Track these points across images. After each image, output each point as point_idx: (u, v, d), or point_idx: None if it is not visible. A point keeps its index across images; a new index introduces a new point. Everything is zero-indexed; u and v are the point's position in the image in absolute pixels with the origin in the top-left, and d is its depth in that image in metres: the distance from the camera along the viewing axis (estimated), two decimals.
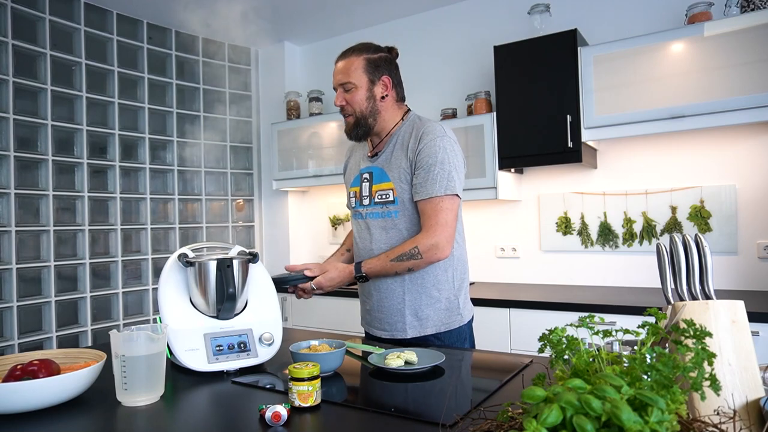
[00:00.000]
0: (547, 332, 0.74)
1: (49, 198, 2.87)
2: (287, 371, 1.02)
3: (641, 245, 2.72)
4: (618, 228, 2.79)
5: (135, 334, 1.09)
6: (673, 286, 0.91)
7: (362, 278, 1.59)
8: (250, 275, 1.41)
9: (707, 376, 0.63)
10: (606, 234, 2.81)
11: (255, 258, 1.43)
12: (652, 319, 0.74)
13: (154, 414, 1.03)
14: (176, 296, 1.35)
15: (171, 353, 1.28)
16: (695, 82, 2.26)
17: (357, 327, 1.81)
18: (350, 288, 1.81)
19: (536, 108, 2.61)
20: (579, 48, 2.51)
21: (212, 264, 1.33)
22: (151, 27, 3.38)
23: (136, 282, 3.29)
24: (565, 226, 2.92)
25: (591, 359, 0.69)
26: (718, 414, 0.71)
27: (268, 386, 1.18)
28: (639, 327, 0.74)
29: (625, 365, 0.68)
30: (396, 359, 1.24)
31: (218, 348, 1.29)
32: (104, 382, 1.14)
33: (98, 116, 3.12)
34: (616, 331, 0.76)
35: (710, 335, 0.67)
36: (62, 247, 2.94)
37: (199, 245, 1.47)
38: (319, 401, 1.03)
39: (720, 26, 2.22)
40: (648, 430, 0.53)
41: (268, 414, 0.93)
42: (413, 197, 1.57)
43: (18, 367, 1.08)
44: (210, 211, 3.68)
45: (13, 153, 2.73)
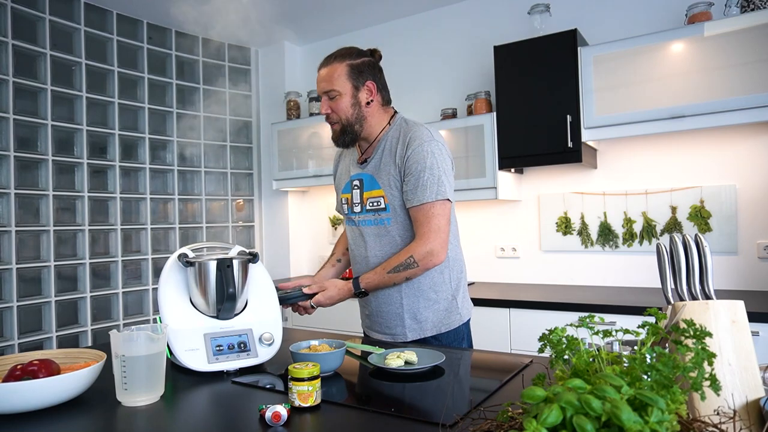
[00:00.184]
0: (547, 332, 0.74)
1: (49, 198, 2.87)
2: (287, 371, 1.02)
3: (641, 245, 2.72)
4: (618, 228, 2.79)
5: (135, 334, 1.09)
6: (673, 286, 0.91)
7: (362, 294, 1.60)
8: (250, 275, 1.42)
9: (707, 376, 0.63)
10: (606, 234, 2.81)
11: (255, 258, 1.43)
12: (652, 319, 0.74)
13: (154, 414, 1.03)
14: (176, 296, 1.35)
15: (171, 353, 1.28)
16: (695, 82, 2.26)
17: (357, 327, 1.81)
18: None
19: (536, 108, 2.61)
20: (579, 48, 2.51)
21: (212, 264, 1.33)
22: (151, 27, 3.38)
23: (136, 282, 3.29)
24: (565, 226, 2.92)
25: (591, 359, 0.69)
26: (718, 414, 0.71)
27: (268, 386, 1.18)
28: (639, 327, 0.74)
29: (625, 365, 0.68)
30: (396, 359, 1.24)
31: (218, 348, 1.29)
32: (104, 382, 1.14)
33: (98, 116, 3.12)
34: (616, 331, 0.76)
35: (710, 335, 0.67)
36: (62, 247, 2.94)
37: (199, 245, 1.47)
38: (319, 401, 1.03)
39: (720, 26, 2.22)
40: (648, 430, 0.53)
41: (268, 414, 0.93)
42: (405, 204, 1.56)
43: (18, 367, 1.08)
44: (210, 211, 3.68)
45: (13, 153, 2.73)
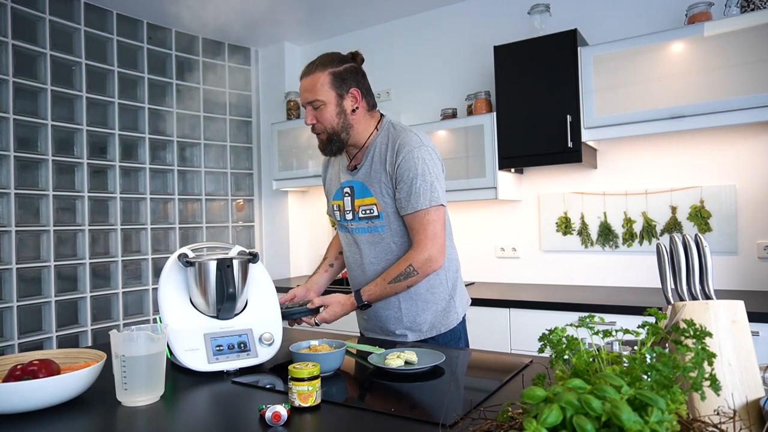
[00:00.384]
0: (547, 332, 0.74)
1: (49, 198, 2.87)
2: (287, 370, 1.02)
3: (641, 245, 2.72)
4: (618, 228, 2.79)
5: (135, 334, 1.09)
6: (673, 286, 0.91)
7: (365, 306, 1.59)
8: (250, 275, 1.41)
9: (707, 376, 0.63)
10: (606, 234, 2.81)
11: (255, 258, 1.43)
12: (652, 319, 0.74)
13: (154, 414, 1.03)
14: (176, 296, 1.35)
15: (171, 353, 1.28)
16: (695, 82, 2.26)
17: (357, 327, 1.81)
18: (350, 288, 1.80)
19: (536, 108, 2.61)
20: (579, 48, 2.51)
21: (212, 264, 1.33)
22: (151, 27, 3.38)
23: (136, 282, 3.29)
24: (565, 226, 2.92)
25: (591, 359, 0.69)
26: (718, 414, 0.71)
27: (268, 386, 1.18)
28: (639, 327, 0.74)
29: (625, 365, 0.68)
30: (396, 359, 1.24)
31: (218, 348, 1.29)
32: (104, 382, 1.14)
33: (98, 116, 3.12)
34: (616, 331, 0.76)
35: (710, 335, 0.67)
36: (62, 247, 2.94)
37: (199, 245, 1.47)
38: (319, 401, 1.03)
39: (720, 26, 2.22)
40: (648, 430, 0.53)
41: (268, 414, 0.93)
42: (399, 212, 1.55)
43: (18, 367, 1.08)
44: (210, 211, 3.68)
45: (13, 153, 2.73)
